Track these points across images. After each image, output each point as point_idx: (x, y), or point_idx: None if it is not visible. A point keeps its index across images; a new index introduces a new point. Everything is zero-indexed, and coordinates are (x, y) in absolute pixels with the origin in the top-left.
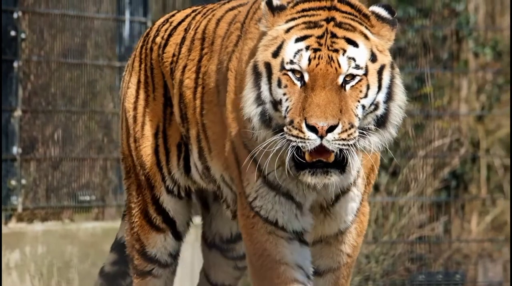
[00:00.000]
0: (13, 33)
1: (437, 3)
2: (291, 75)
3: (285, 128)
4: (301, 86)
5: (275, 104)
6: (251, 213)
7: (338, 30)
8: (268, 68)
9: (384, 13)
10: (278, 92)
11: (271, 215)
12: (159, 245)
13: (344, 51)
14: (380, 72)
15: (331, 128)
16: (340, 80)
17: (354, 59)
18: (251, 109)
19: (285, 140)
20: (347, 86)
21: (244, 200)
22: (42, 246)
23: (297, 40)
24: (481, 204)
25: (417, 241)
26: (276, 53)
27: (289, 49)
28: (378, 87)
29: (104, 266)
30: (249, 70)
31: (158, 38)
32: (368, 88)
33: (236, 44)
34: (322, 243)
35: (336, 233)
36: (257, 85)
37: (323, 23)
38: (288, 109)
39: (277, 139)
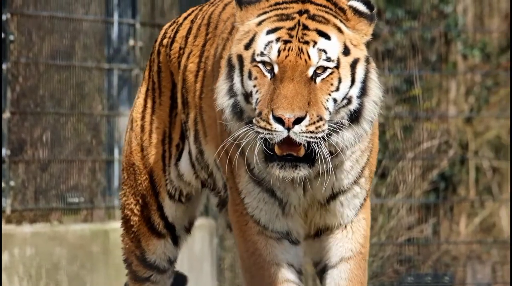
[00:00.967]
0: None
1: (425, 5)
2: (262, 67)
3: (254, 120)
4: (271, 78)
5: (247, 96)
6: (244, 210)
7: (311, 23)
8: (240, 60)
9: (362, 7)
10: (248, 84)
11: (256, 213)
12: (159, 251)
13: (315, 43)
14: (353, 66)
15: (298, 120)
16: (310, 72)
17: (325, 51)
18: (224, 101)
19: (253, 132)
20: (318, 79)
21: (237, 196)
22: (31, 248)
23: (268, 32)
24: (470, 206)
25: (406, 243)
26: (248, 46)
27: (260, 41)
28: (351, 81)
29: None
30: (224, 62)
31: (165, 40)
32: (340, 81)
33: (231, 32)
34: (328, 235)
35: (341, 225)
36: (230, 77)
37: (295, 15)
38: (258, 101)
39: (246, 131)
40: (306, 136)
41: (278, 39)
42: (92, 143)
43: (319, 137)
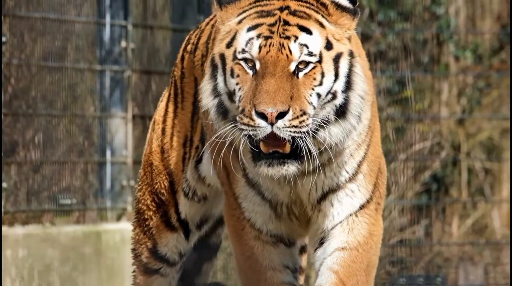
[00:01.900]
0: None
1: (417, 6)
2: (243, 64)
3: (237, 117)
4: (253, 75)
5: (230, 95)
6: (241, 215)
7: (292, 18)
8: (223, 59)
9: (344, 2)
10: (231, 83)
11: (252, 216)
12: (171, 244)
13: (296, 38)
14: (336, 60)
15: (281, 115)
16: (292, 67)
17: (306, 46)
18: (208, 101)
19: (237, 130)
20: (300, 73)
21: (234, 201)
22: (23, 250)
23: (249, 29)
24: (462, 207)
25: (398, 244)
26: (229, 44)
27: (241, 39)
28: (335, 76)
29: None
30: (208, 63)
31: (189, 46)
32: (323, 76)
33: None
34: (324, 235)
35: (336, 227)
36: (214, 77)
37: (276, 11)
38: (241, 98)
39: (231, 129)
40: (290, 131)
41: (259, 36)
42: (84, 144)
43: (304, 132)
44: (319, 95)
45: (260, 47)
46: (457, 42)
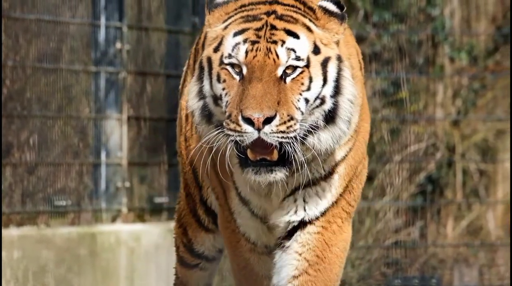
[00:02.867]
0: None
1: (412, 7)
2: (230, 70)
3: (224, 123)
4: (239, 80)
5: (215, 99)
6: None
7: (278, 22)
8: (209, 63)
9: (332, 7)
10: (217, 87)
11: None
12: (207, 244)
13: (283, 42)
14: (324, 65)
15: (268, 120)
16: (279, 72)
17: (294, 50)
18: (193, 103)
19: (224, 135)
20: (288, 78)
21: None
22: (18, 251)
23: (236, 34)
24: (457, 209)
25: (393, 245)
26: (216, 49)
27: (228, 44)
28: (323, 81)
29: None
30: (197, 65)
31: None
32: (311, 81)
33: None
34: (282, 242)
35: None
36: (200, 79)
37: (263, 16)
38: (228, 103)
39: (217, 135)
40: (278, 137)
41: (245, 40)
42: (79, 145)
43: (291, 137)
44: (307, 100)
45: (246, 52)
46: (452, 43)
